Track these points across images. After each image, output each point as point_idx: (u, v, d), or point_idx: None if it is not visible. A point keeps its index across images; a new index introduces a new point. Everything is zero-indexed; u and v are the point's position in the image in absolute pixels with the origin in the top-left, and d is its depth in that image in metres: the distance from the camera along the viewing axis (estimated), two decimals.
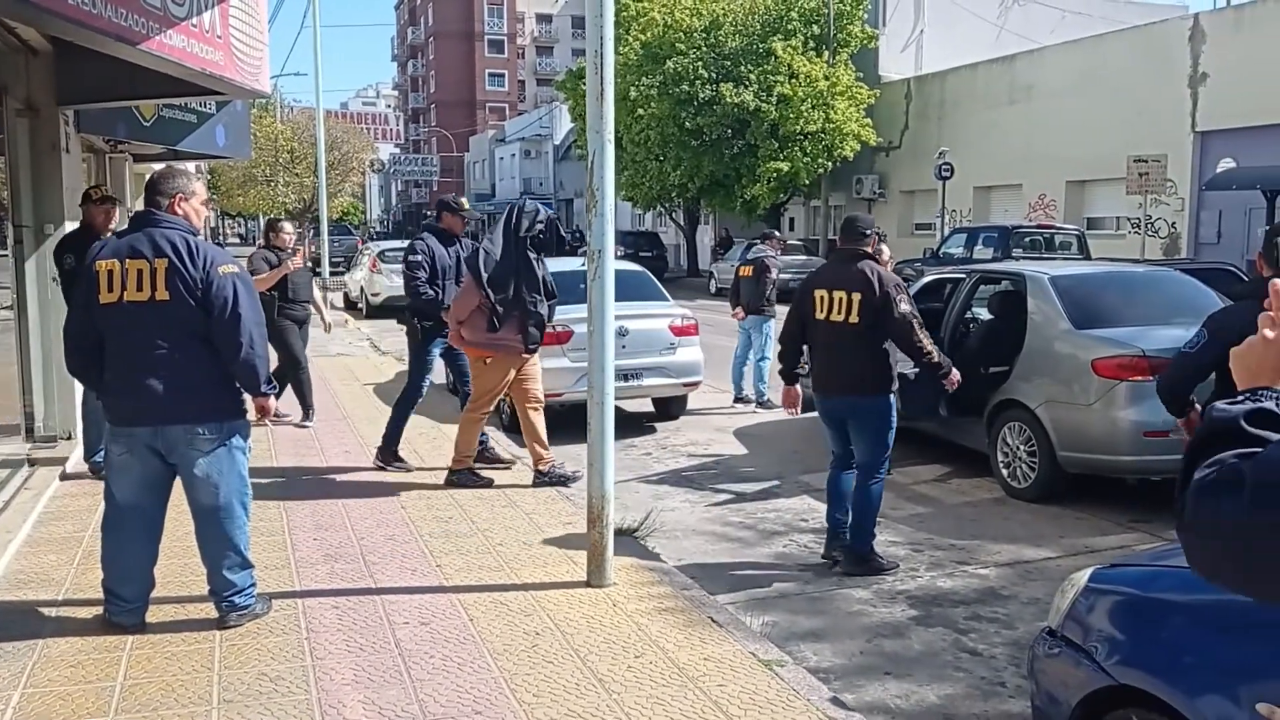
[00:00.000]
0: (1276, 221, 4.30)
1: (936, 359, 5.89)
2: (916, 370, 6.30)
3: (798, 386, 6.27)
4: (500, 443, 9.02)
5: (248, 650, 4.51)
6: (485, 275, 6.95)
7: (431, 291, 7.60)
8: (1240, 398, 1.41)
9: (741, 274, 11.71)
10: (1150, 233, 22.45)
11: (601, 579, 5.30)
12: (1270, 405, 1.38)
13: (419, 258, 7.63)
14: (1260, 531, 1.25)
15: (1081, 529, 6.78)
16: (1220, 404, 1.40)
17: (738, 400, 11.41)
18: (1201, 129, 22.66)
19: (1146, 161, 20.40)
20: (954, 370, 6.03)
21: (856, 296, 5.77)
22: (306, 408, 9.75)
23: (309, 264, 11.17)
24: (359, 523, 6.47)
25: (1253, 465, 1.29)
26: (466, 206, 8.16)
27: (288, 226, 10.08)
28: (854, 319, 5.76)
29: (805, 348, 6.16)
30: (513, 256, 7.05)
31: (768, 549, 6.52)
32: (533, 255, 7.15)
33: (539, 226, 7.15)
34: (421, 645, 4.56)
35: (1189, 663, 2.75)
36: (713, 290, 30.64)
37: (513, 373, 7.26)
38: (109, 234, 6.60)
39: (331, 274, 25.57)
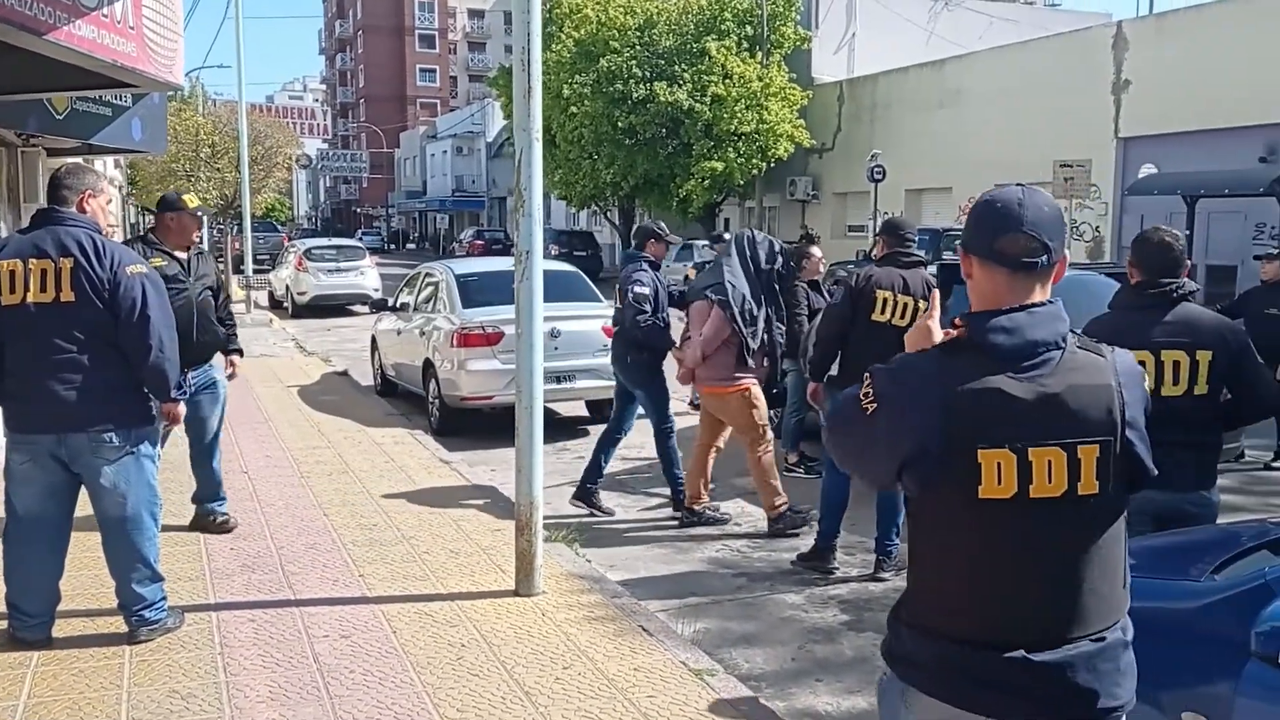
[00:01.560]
0: (1144, 230, 4.37)
1: None
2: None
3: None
4: (429, 446, 8.88)
5: (158, 666, 4.34)
6: (737, 310, 6.61)
7: (660, 324, 7.17)
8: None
9: (691, 278, 11.57)
10: (1075, 236, 22.86)
11: (530, 588, 5.20)
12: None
13: (646, 290, 7.11)
14: (832, 440, 2.26)
15: None
16: (875, 366, 2.13)
17: (692, 405, 11.21)
18: (1124, 135, 23.12)
19: (1072, 166, 20.75)
20: None
21: (923, 305, 5.78)
22: None
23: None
24: (279, 531, 6.29)
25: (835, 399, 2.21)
26: (669, 234, 7.72)
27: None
28: None
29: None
30: (759, 289, 6.74)
31: (701, 554, 6.46)
32: (776, 287, 6.87)
33: (779, 259, 6.86)
34: (341, 659, 4.42)
35: None
36: None
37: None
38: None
39: (256, 272, 25.04)
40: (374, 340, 12.63)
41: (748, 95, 29.85)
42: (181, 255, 6.00)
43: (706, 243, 12.38)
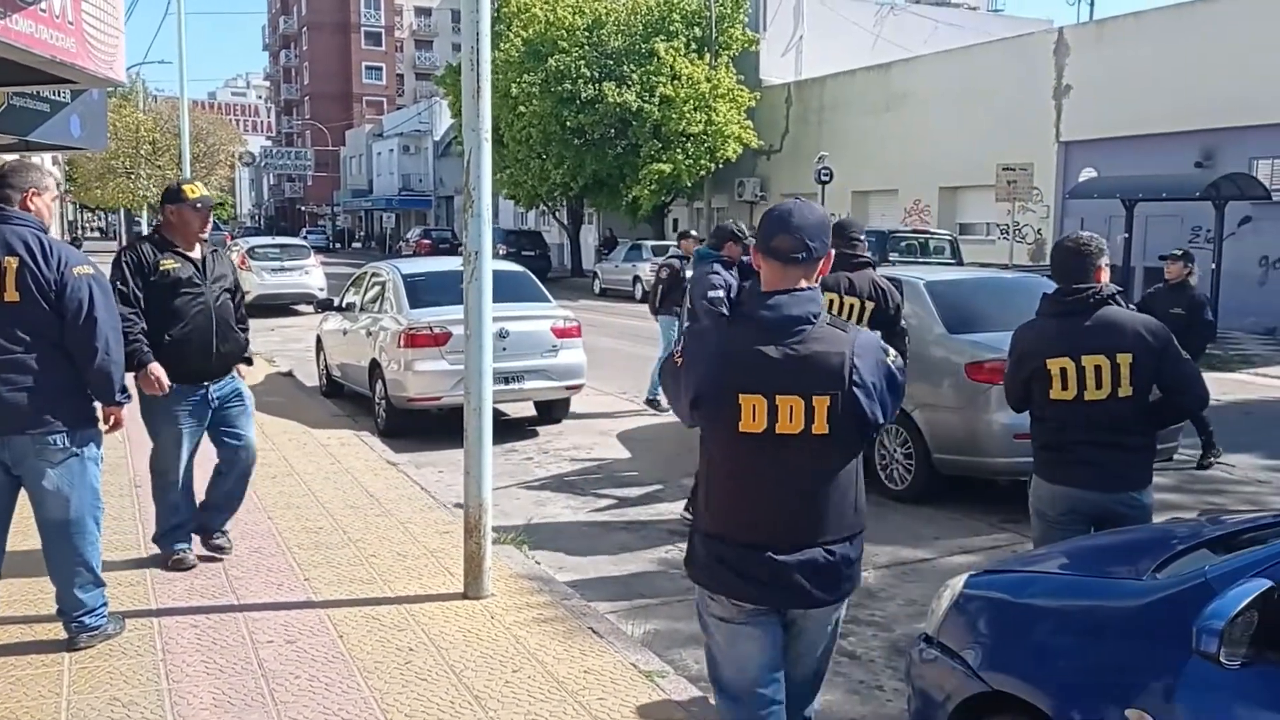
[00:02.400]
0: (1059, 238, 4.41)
1: None
2: None
3: None
4: (375, 447, 8.80)
5: (99, 673, 4.25)
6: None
7: None
8: None
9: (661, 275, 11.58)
10: (1017, 239, 23.23)
11: (479, 590, 5.17)
12: None
13: (720, 293, 6.80)
14: (664, 389, 2.91)
15: (956, 529, 6.91)
16: (685, 329, 2.75)
17: (648, 403, 11.21)
18: (1065, 139, 23.53)
19: (1014, 170, 21.08)
20: None
21: (870, 305, 5.81)
22: None
23: None
24: None
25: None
26: (749, 235, 7.61)
27: None
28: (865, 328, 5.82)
29: None
30: None
31: (650, 554, 6.46)
32: None
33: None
34: (286, 665, 4.36)
35: (1058, 667, 2.77)
36: (597, 290, 30.59)
37: None
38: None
39: None
40: (319, 340, 12.48)
41: (696, 96, 29.97)
42: (195, 255, 5.47)
43: (677, 240, 12.37)
